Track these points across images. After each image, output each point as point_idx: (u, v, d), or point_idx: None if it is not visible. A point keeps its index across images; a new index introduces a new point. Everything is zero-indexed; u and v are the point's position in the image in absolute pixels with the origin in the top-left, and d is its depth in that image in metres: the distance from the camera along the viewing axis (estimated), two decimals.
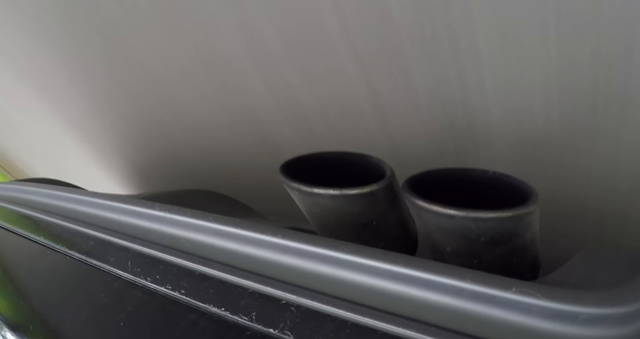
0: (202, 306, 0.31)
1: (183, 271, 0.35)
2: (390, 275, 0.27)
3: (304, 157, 0.41)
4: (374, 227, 0.38)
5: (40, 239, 0.47)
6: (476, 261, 0.33)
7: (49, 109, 1.03)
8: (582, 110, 0.45)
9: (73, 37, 0.75)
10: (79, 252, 0.42)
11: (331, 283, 0.29)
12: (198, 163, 0.91)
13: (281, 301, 0.29)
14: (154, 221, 0.41)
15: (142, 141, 0.94)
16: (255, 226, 0.34)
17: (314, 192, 0.36)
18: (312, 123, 0.66)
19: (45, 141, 1.21)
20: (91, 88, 0.86)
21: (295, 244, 0.32)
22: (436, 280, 0.26)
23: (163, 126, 0.85)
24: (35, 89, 0.98)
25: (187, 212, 0.39)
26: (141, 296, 0.35)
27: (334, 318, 0.27)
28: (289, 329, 0.27)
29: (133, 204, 0.43)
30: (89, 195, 0.48)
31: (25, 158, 1.46)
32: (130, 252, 0.39)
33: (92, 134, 1.03)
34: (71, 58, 0.81)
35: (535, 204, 0.31)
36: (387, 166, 0.38)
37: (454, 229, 0.31)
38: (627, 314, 0.22)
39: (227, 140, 0.79)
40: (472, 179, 0.36)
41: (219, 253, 0.35)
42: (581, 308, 0.22)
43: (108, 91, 0.84)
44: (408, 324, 0.25)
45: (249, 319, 0.29)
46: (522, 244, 0.32)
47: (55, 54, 0.82)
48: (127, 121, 0.90)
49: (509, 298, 0.24)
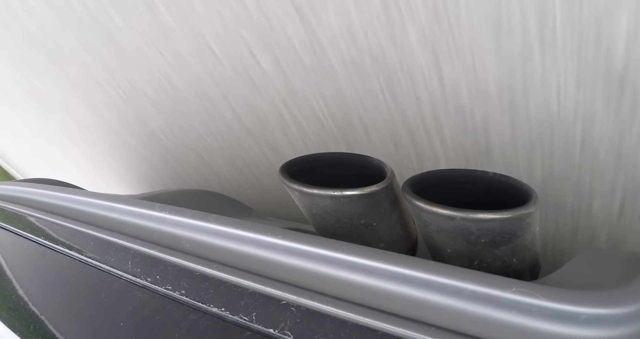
0: (202, 307, 0.31)
1: (183, 272, 0.35)
2: (390, 276, 0.27)
3: (304, 158, 0.41)
4: (375, 228, 0.38)
5: (40, 239, 0.47)
6: (476, 262, 0.33)
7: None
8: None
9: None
10: (79, 252, 0.42)
11: (331, 283, 0.29)
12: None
13: (281, 302, 0.29)
14: (154, 221, 0.41)
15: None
16: (255, 227, 0.34)
17: (314, 193, 0.36)
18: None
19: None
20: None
21: (296, 244, 0.32)
22: (436, 281, 0.26)
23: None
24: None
25: (187, 212, 0.39)
26: (141, 296, 0.35)
27: (334, 318, 0.27)
28: (289, 330, 0.27)
29: (133, 205, 0.43)
30: (89, 195, 0.49)
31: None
32: (130, 253, 0.39)
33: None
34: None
35: (535, 205, 0.31)
36: (388, 167, 0.39)
37: (454, 230, 0.31)
38: (627, 315, 0.22)
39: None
40: (472, 180, 0.36)
41: (219, 253, 0.35)
42: (581, 309, 0.22)
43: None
44: (408, 324, 0.25)
45: (249, 319, 0.29)
46: (522, 245, 0.32)
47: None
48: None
49: (509, 299, 0.24)
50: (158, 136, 0.89)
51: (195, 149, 0.87)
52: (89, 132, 1.03)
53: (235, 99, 0.69)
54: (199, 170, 0.93)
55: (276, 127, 0.70)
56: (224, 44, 0.60)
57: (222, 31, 0.59)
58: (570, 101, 0.45)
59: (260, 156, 0.78)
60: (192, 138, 0.84)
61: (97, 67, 0.78)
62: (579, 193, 0.53)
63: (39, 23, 0.76)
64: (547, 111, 0.47)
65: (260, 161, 0.79)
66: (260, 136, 0.74)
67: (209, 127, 0.78)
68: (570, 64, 0.42)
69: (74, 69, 0.83)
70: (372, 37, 0.49)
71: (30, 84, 0.97)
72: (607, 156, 0.48)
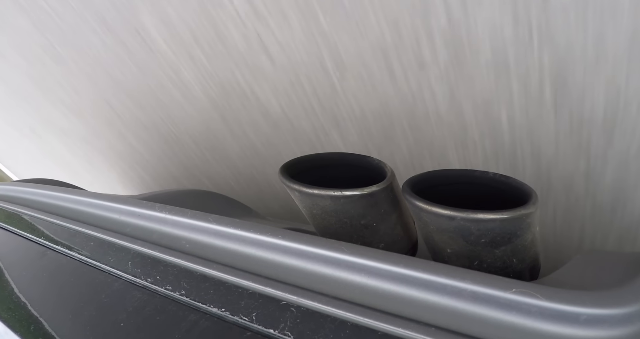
0: (202, 307, 0.31)
1: (183, 272, 0.35)
2: (390, 276, 0.27)
3: (304, 159, 0.41)
4: (375, 228, 0.38)
5: (40, 239, 0.47)
6: (476, 262, 0.33)
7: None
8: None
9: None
10: (79, 252, 0.42)
11: (331, 284, 0.29)
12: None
13: (281, 302, 0.29)
14: (154, 221, 0.41)
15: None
16: (255, 227, 0.34)
17: (315, 193, 0.36)
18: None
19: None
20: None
21: (296, 245, 0.32)
22: (436, 281, 0.26)
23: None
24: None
25: (187, 213, 0.39)
26: (141, 296, 0.35)
27: (334, 318, 0.27)
28: (289, 330, 0.27)
29: (133, 205, 0.43)
30: (89, 195, 0.49)
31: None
32: (130, 253, 0.39)
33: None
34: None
35: (535, 205, 0.31)
36: (388, 167, 0.39)
37: (454, 231, 0.31)
38: (627, 315, 0.22)
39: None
40: (473, 180, 0.36)
41: (219, 254, 0.35)
42: (581, 309, 0.22)
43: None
44: (408, 324, 0.25)
45: (249, 319, 0.29)
46: (522, 245, 0.32)
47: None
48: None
49: (509, 299, 0.24)
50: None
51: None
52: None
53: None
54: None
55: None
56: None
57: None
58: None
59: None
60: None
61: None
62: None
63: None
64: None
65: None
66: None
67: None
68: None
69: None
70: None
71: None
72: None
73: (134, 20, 0.65)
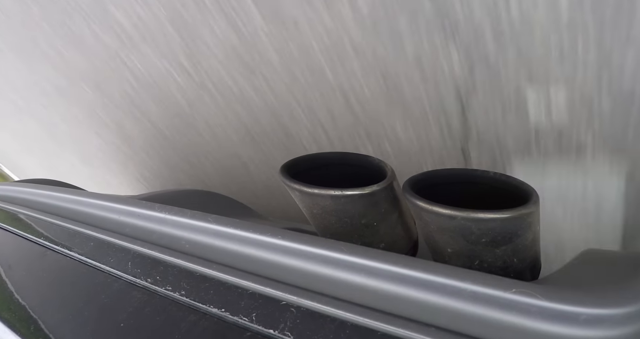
0: (202, 307, 0.31)
1: (183, 272, 0.35)
2: (390, 276, 0.27)
3: (305, 158, 0.41)
4: (375, 228, 0.38)
5: (40, 240, 0.47)
6: (477, 262, 0.33)
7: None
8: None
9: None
10: (79, 253, 0.42)
11: (331, 284, 0.29)
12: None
13: (281, 302, 0.29)
14: (154, 221, 0.41)
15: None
16: (255, 227, 0.34)
17: (315, 193, 0.36)
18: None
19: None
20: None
21: (296, 245, 0.32)
22: (436, 281, 0.26)
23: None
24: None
25: (187, 213, 0.39)
26: (141, 297, 0.35)
27: (334, 318, 0.27)
28: (289, 330, 0.27)
29: (133, 205, 0.43)
30: (89, 196, 0.48)
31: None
32: (130, 253, 0.39)
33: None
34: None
35: (536, 204, 0.31)
36: (388, 167, 0.38)
37: (455, 230, 0.31)
38: (627, 315, 0.22)
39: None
40: (473, 179, 0.36)
41: (219, 254, 0.35)
42: (581, 309, 0.22)
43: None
44: (408, 324, 0.25)
45: (249, 320, 0.29)
46: (523, 245, 0.32)
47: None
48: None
49: (509, 299, 0.24)
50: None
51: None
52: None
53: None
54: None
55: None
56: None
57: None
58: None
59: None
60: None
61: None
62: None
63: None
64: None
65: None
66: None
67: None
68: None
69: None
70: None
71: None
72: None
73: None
